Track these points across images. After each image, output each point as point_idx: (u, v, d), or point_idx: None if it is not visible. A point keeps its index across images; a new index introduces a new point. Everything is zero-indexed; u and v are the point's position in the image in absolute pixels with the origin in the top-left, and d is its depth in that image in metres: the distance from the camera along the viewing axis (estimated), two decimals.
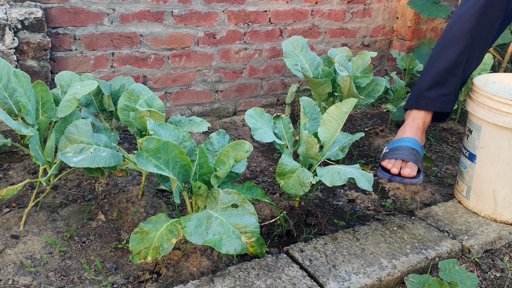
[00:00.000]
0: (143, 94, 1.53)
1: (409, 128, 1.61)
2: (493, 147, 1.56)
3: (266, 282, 1.24)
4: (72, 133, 1.32)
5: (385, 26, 2.85)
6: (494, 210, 1.62)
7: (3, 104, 1.37)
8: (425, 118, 1.63)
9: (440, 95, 1.60)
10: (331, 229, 1.59)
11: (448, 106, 1.62)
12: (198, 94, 2.36)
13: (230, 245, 1.11)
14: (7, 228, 1.46)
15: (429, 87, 1.61)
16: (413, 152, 1.51)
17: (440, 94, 1.60)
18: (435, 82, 1.60)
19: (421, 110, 1.62)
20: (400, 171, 1.47)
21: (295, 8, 2.46)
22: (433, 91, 1.60)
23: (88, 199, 1.66)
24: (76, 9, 1.94)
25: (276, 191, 1.79)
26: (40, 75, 1.84)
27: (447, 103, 1.61)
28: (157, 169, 1.16)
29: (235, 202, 1.18)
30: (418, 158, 1.51)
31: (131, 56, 2.12)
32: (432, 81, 1.60)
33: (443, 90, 1.59)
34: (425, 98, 1.61)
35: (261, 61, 2.48)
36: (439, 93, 1.60)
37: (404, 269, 1.35)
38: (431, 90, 1.60)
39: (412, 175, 1.46)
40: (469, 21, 1.53)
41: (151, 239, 1.19)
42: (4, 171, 1.77)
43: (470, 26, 1.54)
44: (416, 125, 1.61)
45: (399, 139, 1.58)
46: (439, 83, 1.59)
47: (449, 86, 1.59)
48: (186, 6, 2.16)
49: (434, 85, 1.60)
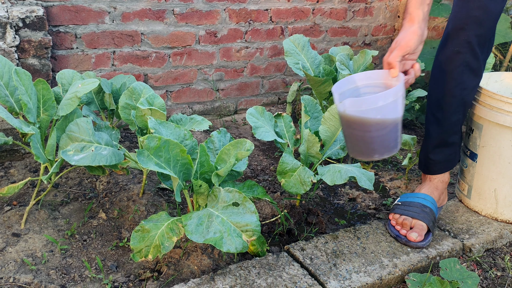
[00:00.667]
0: (144, 92, 1.53)
1: (427, 186, 1.60)
2: (494, 146, 1.56)
3: (267, 280, 1.24)
4: (73, 131, 1.32)
5: (386, 25, 2.85)
6: (495, 209, 1.62)
7: (4, 102, 1.37)
8: (443, 177, 1.61)
9: (448, 155, 1.58)
10: (332, 228, 1.59)
11: (458, 158, 1.62)
12: (199, 93, 2.36)
13: (231, 243, 1.10)
14: (8, 226, 1.46)
15: (434, 150, 1.58)
16: (425, 210, 1.48)
17: (447, 154, 1.58)
18: (440, 144, 1.57)
19: (434, 175, 1.61)
20: (407, 234, 1.44)
21: (296, 6, 2.46)
22: (440, 154, 1.58)
23: (89, 197, 1.66)
24: (77, 7, 1.94)
25: (277, 189, 1.79)
26: (41, 74, 1.84)
27: (455, 159, 1.61)
28: (158, 168, 1.16)
29: (236, 200, 1.17)
30: (429, 216, 1.47)
31: (132, 55, 2.12)
32: (436, 144, 1.58)
33: (449, 150, 1.58)
34: (433, 163, 1.59)
35: (262, 60, 2.48)
36: (446, 153, 1.58)
37: (405, 268, 1.35)
38: (437, 153, 1.58)
39: (419, 240, 1.42)
40: (454, 79, 1.47)
41: (152, 237, 1.19)
42: (5, 169, 1.77)
43: (456, 84, 1.48)
44: (434, 186, 1.60)
45: (413, 193, 1.56)
46: (443, 145, 1.57)
47: (454, 145, 1.58)
48: (187, 5, 2.16)
49: (439, 147, 1.57)
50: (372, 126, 1.21)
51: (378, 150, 1.26)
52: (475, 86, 1.52)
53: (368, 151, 1.28)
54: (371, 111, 1.18)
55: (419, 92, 2.26)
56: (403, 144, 1.85)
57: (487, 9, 1.38)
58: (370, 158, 1.31)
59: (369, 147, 1.26)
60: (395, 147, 1.27)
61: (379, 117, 1.19)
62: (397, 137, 1.27)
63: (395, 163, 2.08)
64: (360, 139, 1.26)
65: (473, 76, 1.48)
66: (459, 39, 1.42)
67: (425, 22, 1.32)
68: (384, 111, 1.19)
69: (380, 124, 1.21)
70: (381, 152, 1.27)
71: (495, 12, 1.41)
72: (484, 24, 1.40)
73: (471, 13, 1.39)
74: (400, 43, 1.29)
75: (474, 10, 1.39)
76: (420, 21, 1.31)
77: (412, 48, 1.29)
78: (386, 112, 1.19)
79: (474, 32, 1.40)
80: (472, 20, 1.39)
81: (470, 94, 1.52)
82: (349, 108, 1.18)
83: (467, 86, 1.49)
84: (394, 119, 1.22)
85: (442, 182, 1.61)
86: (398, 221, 1.48)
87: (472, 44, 1.42)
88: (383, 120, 1.20)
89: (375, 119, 1.19)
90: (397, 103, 1.21)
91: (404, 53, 1.28)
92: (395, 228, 1.47)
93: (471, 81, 1.49)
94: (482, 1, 1.38)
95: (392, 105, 1.19)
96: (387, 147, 1.26)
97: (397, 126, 1.25)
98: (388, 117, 1.20)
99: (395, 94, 1.19)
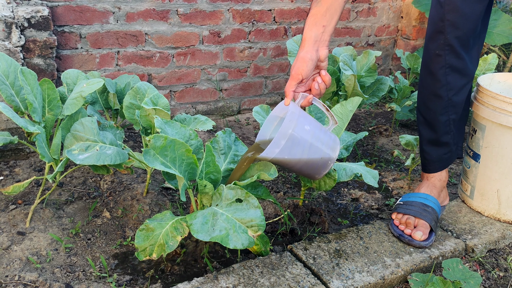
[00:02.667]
0: (149, 92, 1.54)
1: (425, 185, 1.60)
2: (497, 147, 1.56)
3: (270, 279, 1.25)
4: (78, 130, 1.33)
5: (389, 25, 2.85)
6: (498, 209, 1.62)
7: (10, 102, 1.38)
8: (440, 176, 1.61)
9: (441, 154, 1.58)
10: (334, 228, 1.60)
11: (453, 157, 1.61)
12: (202, 93, 2.37)
13: (237, 239, 1.11)
14: (14, 224, 1.47)
15: (426, 149, 1.59)
16: (427, 209, 1.48)
17: (441, 154, 1.58)
18: (432, 144, 1.57)
19: (430, 173, 1.61)
20: (412, 233, 1.44)
21: (300, 7, 2.47)
22: (432, 153, 1.58)
23: (93, 196, 1.67)
24: (82, 7, 1.95)
25: (280, 189, 1.79)
26: (46, 73, 1.85)
27: (451, 157, 1.60)
28: (164, 167, 1.17)
29: (239, 197, 1.18)
30: (431, 216, 1.48)
31: (136, 55, 2.13)
32: (428, 143, 1.58)
33: (443, 150, 1.57)
34: (427, 162, 1.60)
35: (266, 60, 2.48)
36: (440, 152, 1.58)
37: (407, 267, 1.35)
38: (429, 152, 1.58)
39: (424, 238, 1.43)
40: (438, 81, 1.47)
41: (156, 236, 1.19)
42: (10, 168, 1.78)
43: (441, 85, 1.47)
44: (432, 184, 1.60)
45: (414, 193, 1.56)
46: (436, 144, 1.57)
47: (447, 145, 1.57)
48: (191, 5, 2.17)
49: (431, 146, 1.57)
50: (292, 166, 1.27)
51: (311, 175, 1.32)
52: (463, 85, 1.50)
53: (305, 176, 1.34)
54: (280, 154, 1.20)
55: None
56: (406, 144, 1.85)
57: (461, 11, 1.38)
58: (312, 178, 1.35)
59: (303, 173, 1.32)
60: (327, 167, 1.30)
61: (286, 157, 1.22)
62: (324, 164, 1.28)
63: (398, 164, 2.09)
64: (294, 171, 1.31)
65: (459, 76, 1.47)
66: (439, 42, 1.43)
67: (320, 44, 1.25)
68: (289, 151, 1.21)
69: (293, 162, 1.24)
70: (313, 174, 1.32)
71: (473, 12, 1.40)
72: (461, 26, 1.40)
73: (446, 17, 1.39)
74: (291, 73, 1.26)
75: (448, 14, 1.39)
76: (310, 45, 1.24)
77: (304, 74, 1.24)
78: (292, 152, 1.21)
79: (452, 35, 1.40)
80: (447, 23, 1.39)
81: (459, 94, 1.51)
82: (267, 156, 1.21)
83: (453, 86, 1.48)
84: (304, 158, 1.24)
85: (440, 181, 1.61)
86: (402, 221, 1.48)
87: (452, 46, 1.42)
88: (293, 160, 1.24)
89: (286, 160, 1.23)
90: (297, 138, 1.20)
91: (297, 81, 1.25)
92: (399, 228, 1.48)
93: (457, 81, 1.48)
94: (454, 4, 1.38)
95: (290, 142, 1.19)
96: (317, 171, 1.30)
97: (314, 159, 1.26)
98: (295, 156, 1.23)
99: (284, 135, 1.19)
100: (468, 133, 1.71)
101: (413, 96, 2.27)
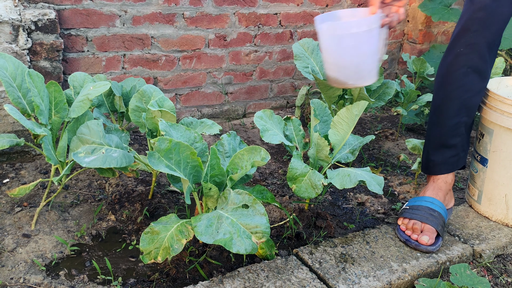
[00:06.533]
0: (154, 95, 1.54)
1: (431, 188, 1.58)
2: (505, 151, 1.55)
3: (276, 284, 1.24)
4: (84, 133, 1.33)
5: (395, 29, 2.84)
6: (506, 214, 1.60)
7: (17, 104, 1.38)
8: (446, 178, 1.59)
9: (449, 157, 1.56)
10: (340, 232, 1.59)
11: (460, 163, 1.59)
12: (208, 96, 2.37)
13: (240, 244, 1.10)
14: (19, 227, 1.47)
15: (434, 151, 1.57)
16: (433, 214, 1.47)
17: (448, 157, 1.56)
18: (440, 146, 1.56)
19: (436, 175, 1.59)
20: (418, 238, 1.43)
21: (306, 10, 2.47)
22: (440, 155, 1.56)
23: (98, 199, 1.67)
24: (88, 10, 1.95)
25: (286, 193, 1.78)
26: (52, 76, 1.86)
27: (458, 162, 1.58)
28: (169, 170, 1.17)
29: (246, 202, 1.18)
30: (437, 220, 1.46)
31: (142, 58, 2.13)
32: (436, 145, 1.57)
33: (450, 152, 1.56)
34: (433, 164, 1.58)
35: (271, 64, 2.48)
36: (447, 155, 1.56)
37: (414, 273, 1.34)
38: (437, 154, 1.57)
39: (430, 243, 1.42)
40: (455, 81, 1.48)
41: (161, 239, 1.19)
42: (16, 171, 1.79)
43: (458, 86, 1.48)
44: (437, 186, 1.58)
45: (420, 197, 1.55)
46: (444, 146, 1.56)
47: (455, 148, 1.56)
48: (197, 8, 2.17)
49: (439, 148, 1.56)
50: (346, 52, 1.32)
51: (351, 77, 1.37)
52: (481, 89, 1.50)
53: (342, 77, 1.38)
54: (345, 36, 1.28)
55: (428, 96, 2.25)
56: (412, 149, 1.84)
57: (491, 9, 1.38)
58: (344, 85, 1.40)
59: (344, 72, 1.37)
60: (370, 77, 1.38)
61: (352, 43, 1.29)
62: (372, 69, 1.36)
63: (404, 168, 2.07)
64: (336, 64, 1.37)
65: (478, 79, 1.47)
66: (465, 40, 1.42)
67: None
68: (358, 38, 1.29)
69: (354, 50, 1.31)
70: (355, 79, 1.38)
71: (502, 14, 1.40)
72: (490, 25, 1.40)
73: (476, 15, 1.39)
74: None
75: (478, 12, 1.39)
76: None
77: None
78: (360, 40, 1.29)
79: (480, 34, 1.40)
80: (477, 21, 1.39)
81: (475, 97, 1.50)
82: (326, 32, 1.30)
83: (470, 88, 1.48)
84: (368, 49, 1.32)
85: (446, 183, 1.59)
86: (408, 226, 1.47)
87: (479, 46, 1.42)
88: (356, 47, 1.31)
89: (349, 44, 1.30)
90: (371, 34, 1.30)
91: None
92: (405, 233, 1.46)
93: (476, 83, 1.48)
94: (484, 2, 1.38)
95: (366, 34, 1.29)
96: (360, 75, 1.37)
97: (372, 57, 1.34)
98: (362, 45, 1.31)
99: (369, 24, 1.28)
100: (475, 137, 1.69)
101: (419, 100, 2.25)
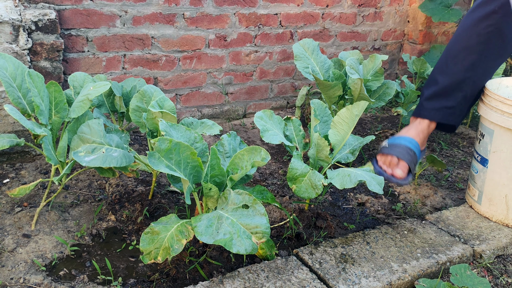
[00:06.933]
0: (155, 95, 1.54)
1: (413, 129, 1.61)
2: (506, 152, 1.55)
3: (276, 284, 1.24)
4: (84, 132, 1.33)
5: (396, 30, 2.84)
6: (506, 215, 1.60)
7: (17, 104, 1.38)
8: (430, 124, 1.62)
9: (444, 107, 1.58)
10: (341, 232, 1.59)
11: (452, 119, 1.60)
12: (208, 96, 2.36)
13: (240, 244, 1.10)
14: (19, 227, 1.47)
15: (430, 97, 1.59)
16: (410, 153, 1.53)
17: (443, 106, 1.58)
18: (439, 94, 1.58)
19: (424, 119, 1.61)
20: (393, 172, 1.50)
21: (306, 11, 2.47)
22: (436, 102, 1.58)
23: (98, 199, 1.67)
24: (89, 11, 1.95)
25: (286, 193, 1.78)
26: (52, 76, 1.86)
27: (450, 115, 1.59)
28: (169, 170, 1.17)
29: (246, 203, 1.18)
30: (413, 159, 1.53)
31: (143, 58, 2.13)
32: (435, 93, 1.58)
33: (447, 102, 1.57)
34: (426, 108, 1.60)
35: (272, 64, 2.48)
36: (443, 104, 1.58)
37: (414, 273, 1.34)
38: (433, 100, 1.59)
39: (403, 177, 1.50)
40: (476, 36, 1.49)
41: (161, 239, 1.19)
42: (16, 171, 1.79)
43: (477, 42, 1.49)
44: (420, 129, 1.61)
45: (400, 136, 1.59)
46: (442, 95, 1.57)
47: (454, 100, 1.57)
48: (198, 9, 2.17)
49: (436, 96, 1.58)
50: None
51: None
52: (494, 65, 1.52)
53: None
54: None
55: None
56: None
57: None
58: None
59: None
60: None
61: None
62: None
63: None
64: None
65: (500, 44, 1.49)
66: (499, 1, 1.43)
67: None
68: None
69: None
70: None
71: None
72: None
73: None
74: None
75: None
76: None
77: None
78: None
79: None
80: None
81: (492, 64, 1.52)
82: None
83: (491, 48, 1.49)
84: None
85: (428, 128, 1.61)
86: (386, 161, 1.52)
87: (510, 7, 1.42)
88: None
89: None
90: None
91: None
92: (382, 168, 1.51)
93: (496, 49, 1.50)
94: None
95: None
96: None
97: None
98: None
99: None
100: (475, 137, 1.69)
101: None
